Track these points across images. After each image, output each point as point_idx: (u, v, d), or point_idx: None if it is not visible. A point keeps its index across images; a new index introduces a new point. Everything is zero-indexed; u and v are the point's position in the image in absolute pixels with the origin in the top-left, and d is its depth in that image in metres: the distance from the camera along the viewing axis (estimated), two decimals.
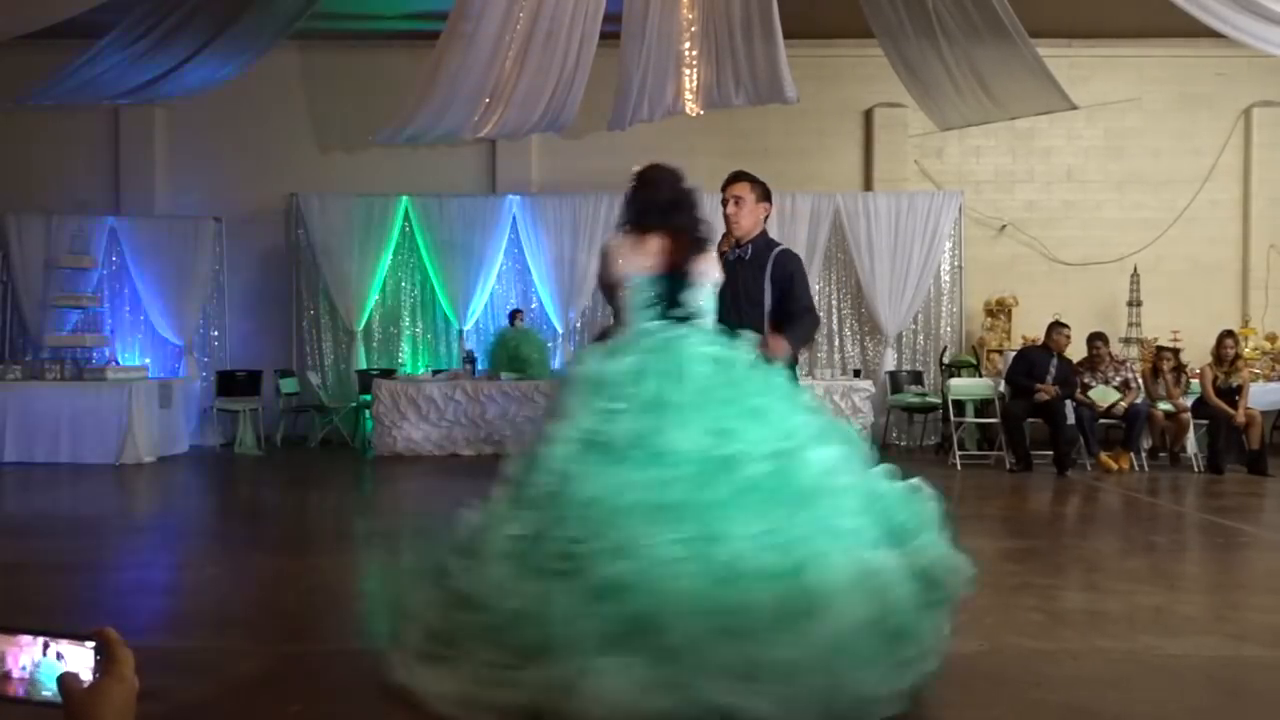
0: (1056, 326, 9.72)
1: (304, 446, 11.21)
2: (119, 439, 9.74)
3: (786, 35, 9.18)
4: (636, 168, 3.85)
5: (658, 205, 3.70)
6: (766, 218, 4.66)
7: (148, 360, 11.62)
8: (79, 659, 1.10)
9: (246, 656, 3.85)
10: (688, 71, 9.72)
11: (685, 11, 9.24)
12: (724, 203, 4.55)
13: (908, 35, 9.23)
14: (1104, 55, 11.69)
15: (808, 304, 4.60)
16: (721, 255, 4.25)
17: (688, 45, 9.49)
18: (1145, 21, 10.77)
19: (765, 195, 4.58)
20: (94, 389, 9.92)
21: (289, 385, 11.37)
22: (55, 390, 9.96)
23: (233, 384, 11.29)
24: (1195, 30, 9.07)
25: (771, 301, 4.42)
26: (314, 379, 11.57)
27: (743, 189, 4.53)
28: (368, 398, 10.84)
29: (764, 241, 4.58)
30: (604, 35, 9.33)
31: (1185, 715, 3.33)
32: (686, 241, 3.68)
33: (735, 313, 4.10)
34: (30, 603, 4.67)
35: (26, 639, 1.11)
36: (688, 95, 9.96)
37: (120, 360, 11.22)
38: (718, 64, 9.59)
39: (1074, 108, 9.98)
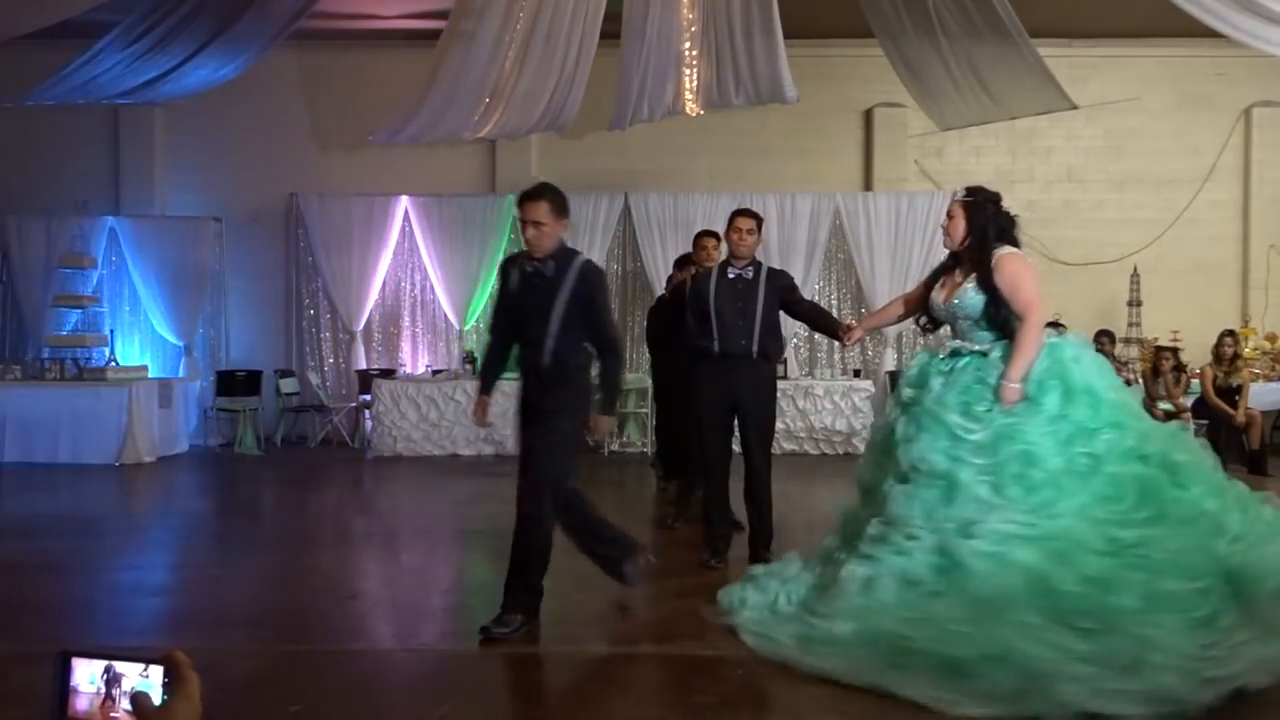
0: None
1: (304, 446, 11.21)
2: (119, 439, 9.74)
3: (786, 35, 9.18)
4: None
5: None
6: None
7: (148, 360, 11.61)
8: (149, 680, 1.14)
9: (246, 656, 3.85)
10: (688, 71, 9.72)
11: (685, 11, 9.23)
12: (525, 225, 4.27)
13: (908, 35, 9.22)
14: (1104, 55, 11.69)
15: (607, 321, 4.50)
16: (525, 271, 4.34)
17: (688, 45, 9.49)
18: (1145, 21, 10.76)
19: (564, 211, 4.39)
20: (94, 389, 9.92)
21: (289, 385, 11.37)
22: (55, 390, 9.96)
23: (233, 384, 11.29)
24: (1195, 30, 9.06)
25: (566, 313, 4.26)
26: (314, 379, 11.57)
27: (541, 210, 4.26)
28: (368, 398, 10.84)
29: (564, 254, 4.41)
30: (604, 35, 9.33)
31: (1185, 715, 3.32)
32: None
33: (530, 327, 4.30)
34: (31, 603, 4.67)
35: (99, 661, 1.16)
36: (688, 95, 9.95)
37: (120, 360, 11.21)
38: (718, 64, 9.58)
39: (1074, 108, 9.97)
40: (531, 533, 4.17)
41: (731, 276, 5.51)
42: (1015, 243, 4.22)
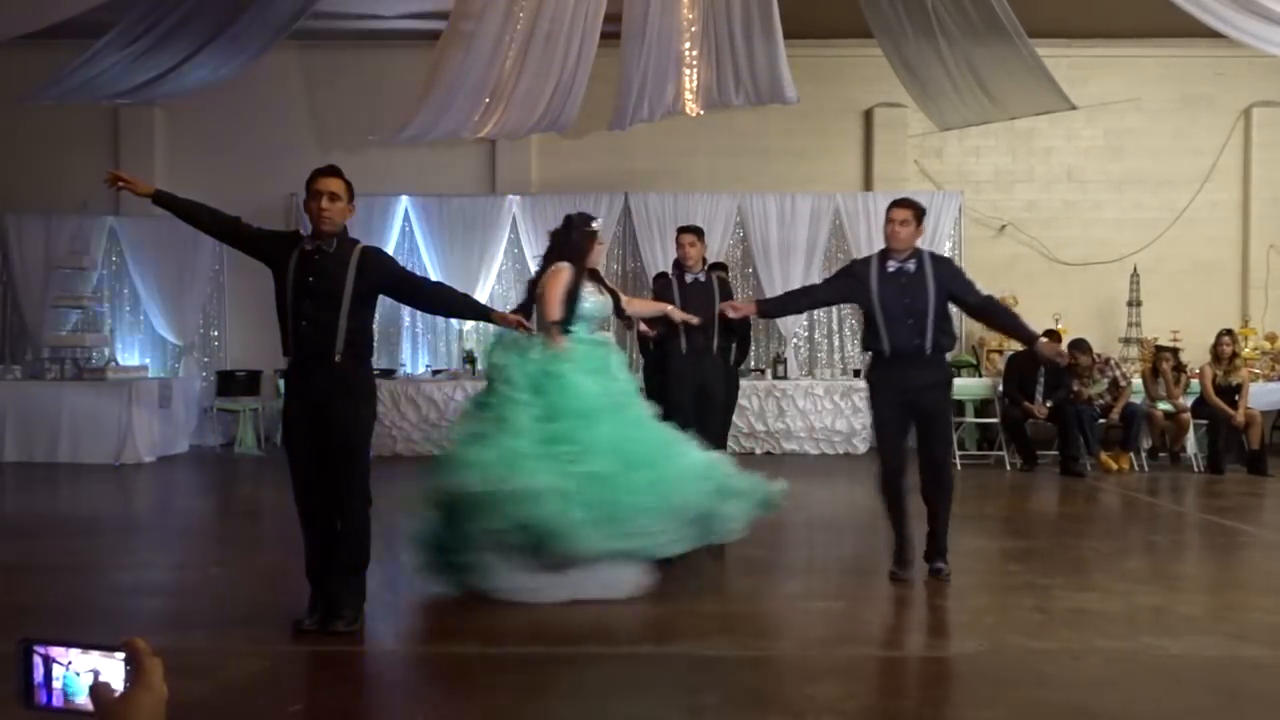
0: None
1: None
2: (119, 439, 9.73)
3: (786, 35, 9.18)
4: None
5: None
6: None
7: (148, 360, 11.61)
8: (109, 669, 1.13)
9: (246, 656, 3.85)
10: (688, 71, 9.71)
11: (685, 11, 9.23)
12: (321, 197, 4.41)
13: (907, 35, 9.22)
14: (1104, 55, 11.68)
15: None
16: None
17: (688, 45, 9.49)
18: (1145, 21, 10.76)
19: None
20: (94, 389, 9.92)
21: None
22: (55, 390, 9.96)
23: (233, 384, 11.28)
24: (1195, 30, 9.06)
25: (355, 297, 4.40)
26: None
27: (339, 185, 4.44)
28: None
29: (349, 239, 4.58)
30: (604, 35, 9.33)
31: (1185, 715, 3.33)
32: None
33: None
34: (31, 604, 4.67)
35: (58, 649, 1.14)
36: (688, 95, 9.95)
37: (120, 360, 11.20)
38: (718, 64, 9.58)
39: (1074, 108, 9.97)
40: (367, 527, 4.36)
41: (893, 270, 5.34)
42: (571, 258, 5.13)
